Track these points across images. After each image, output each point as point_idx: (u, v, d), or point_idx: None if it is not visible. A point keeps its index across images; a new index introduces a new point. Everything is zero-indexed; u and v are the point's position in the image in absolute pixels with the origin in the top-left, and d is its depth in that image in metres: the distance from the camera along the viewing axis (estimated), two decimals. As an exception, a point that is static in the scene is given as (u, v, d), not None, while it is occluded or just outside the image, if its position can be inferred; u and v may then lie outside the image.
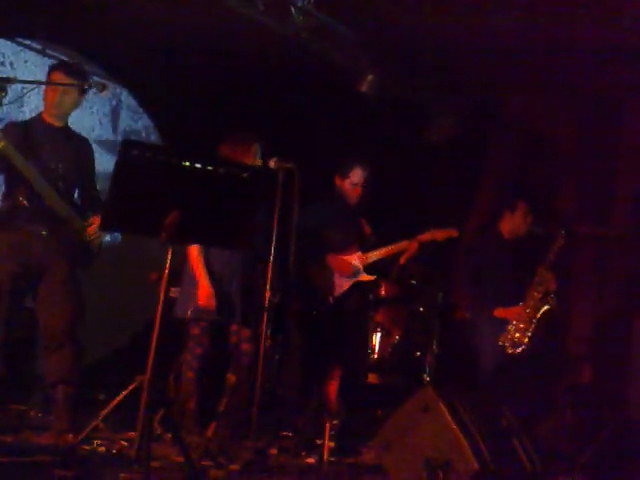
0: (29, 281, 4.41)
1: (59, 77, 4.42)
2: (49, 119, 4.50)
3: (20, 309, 4.49)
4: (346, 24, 5.78)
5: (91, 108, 6.63)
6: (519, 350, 5.41)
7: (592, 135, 6.63)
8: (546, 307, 5.50)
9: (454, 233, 5.50)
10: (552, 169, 6.82)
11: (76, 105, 4.55)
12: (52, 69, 4.52)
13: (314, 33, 5.64)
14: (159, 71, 6.52)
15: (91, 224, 4.46)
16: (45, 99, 4.48)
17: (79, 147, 4.64)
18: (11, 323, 4.34)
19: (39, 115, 4.55)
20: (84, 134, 4.87)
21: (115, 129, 6.87)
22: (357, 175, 5.45)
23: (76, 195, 4.61)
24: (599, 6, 5.17)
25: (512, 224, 5.74)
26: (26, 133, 4.38)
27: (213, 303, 4.69)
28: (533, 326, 5.45)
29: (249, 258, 4.81)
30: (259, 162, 4.77)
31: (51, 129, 4.49)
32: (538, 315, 5.48)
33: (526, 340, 5.42)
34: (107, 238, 4.64)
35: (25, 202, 4.28)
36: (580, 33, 5.57)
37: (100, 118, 6.72)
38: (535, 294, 5.51)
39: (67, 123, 4.58)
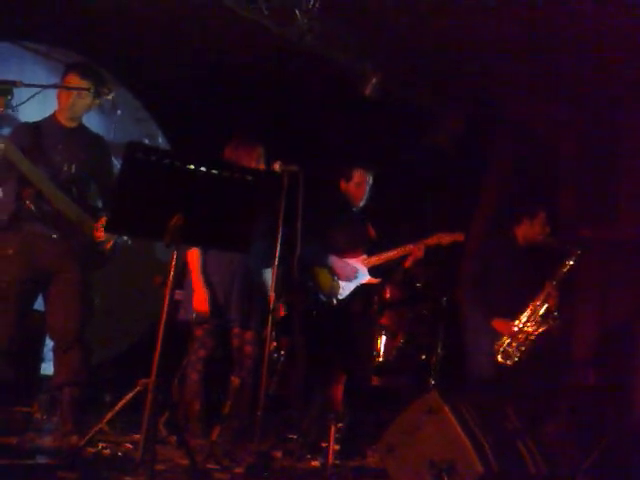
0: (38, 284, 4.36)
1: (74, 79, 4.35)
2: (62, 120, 4.44)
3: (28, 312, 4.44)
4: (350, 28, 5.79)
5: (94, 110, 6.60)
6: (508, 362, 5.27)
7: (593, 137, 6.62)
8: (545, 327, 5.31)
9: (460, 237, 5.46)
10: (554, 172, 6.81)
11: (89, 108, 4.48)
12: (68, 70, 4.43)
13: (318, 37, 5.65)
14: (163, 74, 6.53)
15: (99, 226, 4.35)
16: (59, 101, 4.41)
17: (93, 146, 4.55)
18: (18, 325, 4.31)
19: (52, 115, 4.46)
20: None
21: (118, 131, 6.86)
22: (360, 175, 5.45)
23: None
24: (598, 6, 5.18)
25: (529, 231, 5.59)
26: (37, 135, 4.33)
27: (206, 308, 4.69)
28: (528, 344, 5.28)
29: (252, 260, 4.81)
30: (262, 166, 4.77)
31: (64, 130, 4.43)
32: (536, 334, 5.30)
33: (518, 355, 5.26)
34: (118, 240, 4.51)
35: (32, 205, 4.22)
36: (579, 33, 5.57)
37: (103, 120, 6.71)
38: (538, 308, 5.34)
39: (81, 122, 4.52)
